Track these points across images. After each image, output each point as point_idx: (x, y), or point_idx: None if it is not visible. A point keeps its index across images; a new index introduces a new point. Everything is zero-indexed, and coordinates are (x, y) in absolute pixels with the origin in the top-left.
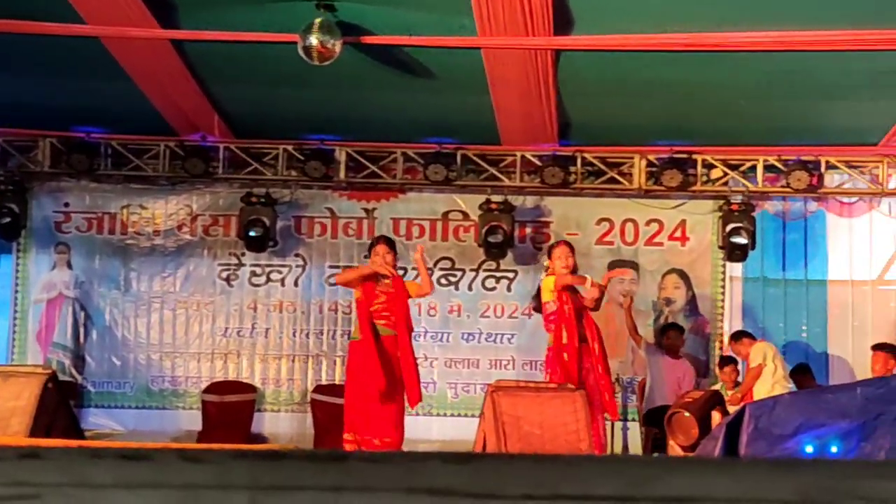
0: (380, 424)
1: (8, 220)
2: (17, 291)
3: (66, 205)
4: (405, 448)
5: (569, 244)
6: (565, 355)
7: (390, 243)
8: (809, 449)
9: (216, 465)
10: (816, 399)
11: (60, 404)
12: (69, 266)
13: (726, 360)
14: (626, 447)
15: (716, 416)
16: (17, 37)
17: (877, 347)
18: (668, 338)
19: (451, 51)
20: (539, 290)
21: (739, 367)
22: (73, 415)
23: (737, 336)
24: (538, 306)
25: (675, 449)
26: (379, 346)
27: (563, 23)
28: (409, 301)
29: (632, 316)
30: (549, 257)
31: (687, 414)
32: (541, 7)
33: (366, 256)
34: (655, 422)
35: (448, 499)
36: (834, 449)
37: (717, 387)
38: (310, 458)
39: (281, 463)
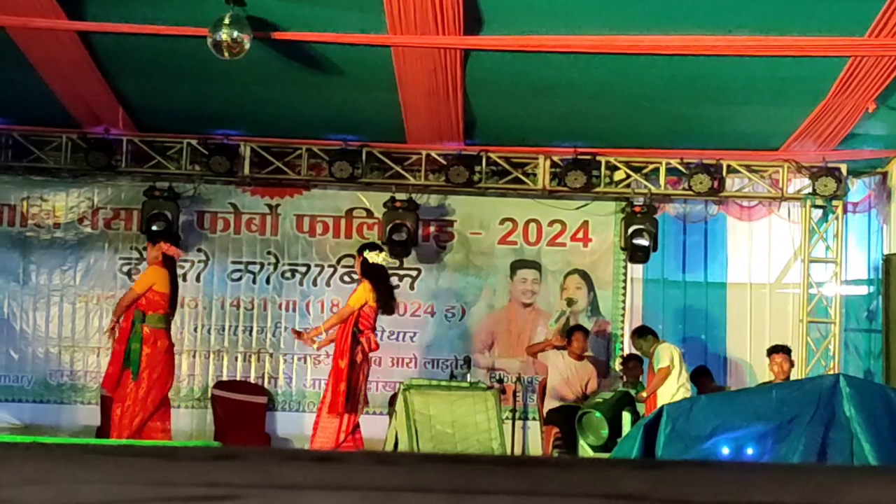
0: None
1: None
2: None
3: None
4: (300, 446)
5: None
6: None
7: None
8: (726, 451)
9: (412, 468)
10: (732, 401)
11: None
12: None
13: (630, 357)
14: (524, 446)
15: (626, 417)
16: None
17: (774, 350)
18: (575, 339)
19: (361, 48)
20: None
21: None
22: None
23: (641, 332)
24: None
25: (585, 449)
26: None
27: (472, 22)
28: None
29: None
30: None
31: (598, 414)
32: (451, 7)
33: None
34: (556, 421)
35: None
36: (750, 451)
37: (619, 385)
38: (505, 462)
39: (476, 467)
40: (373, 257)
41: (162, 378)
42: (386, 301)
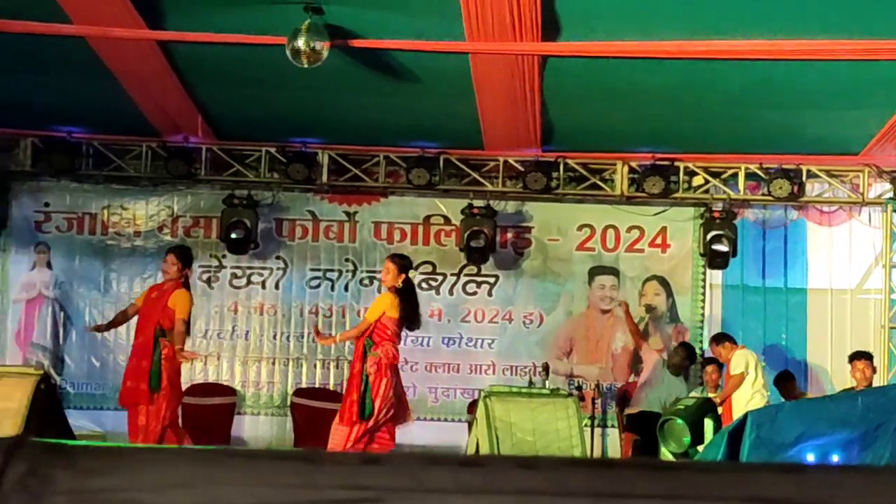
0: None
1: None
2: None
3: (47, 204)
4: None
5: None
6: None
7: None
8: (811, 458)
9: (553, 472)
10: (817, 408)
11: (53, 406)
12: (49, 266)
13: (709, 361)
14: (603, 453)
15: (708, 424)
16: (1, 35)
17: (856, 356)
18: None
19: (438, 55)
20: None
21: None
22: (65, 417)
23: (719, 339)
24: None
25: (666, 456)
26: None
27: (550, 29)
28: None
29: (632, 320)
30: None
31: (679, 421)
32: (529, 13)
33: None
34: (636, 428)
35: None
36: (835, 458)
37: (696, 392)
38: (644, 466)
39: (617, 470)
40: (412, 274)
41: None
42: (412, 316)
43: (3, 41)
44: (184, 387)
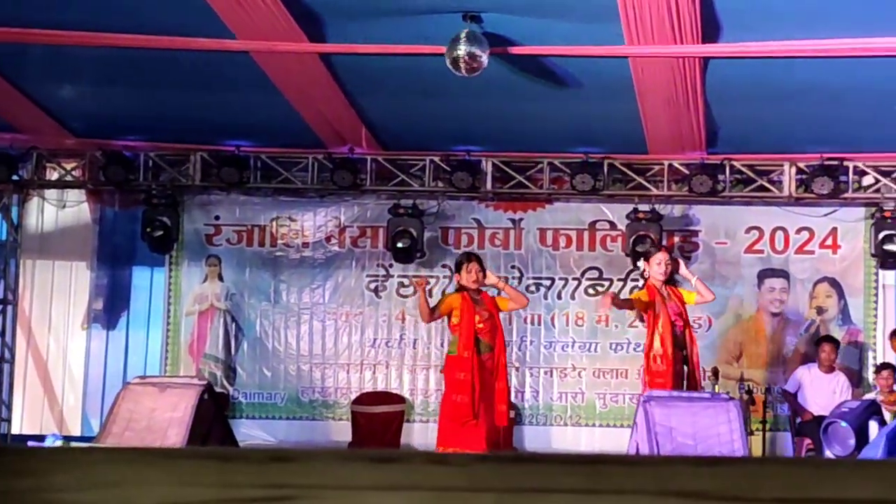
0: (472, 440)
1: (160, 233)
2: (169, 304)
3: (217, 218)
4: None
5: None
6: (659, 362)
7: (480, 261)
8: None
9: (466, 468)
10: None
11: (216, 415)
12: (220, 278)
13: (884, 366)
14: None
15: (873, 426)
16: (169, 53)
17: None
18: (822, 351)
19: (598, 60)
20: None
21: None
22: (229, 426)
23: None
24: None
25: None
26: (480, 363)
27: (710, 29)
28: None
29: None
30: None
31: (843, 424)
32: (688, 14)
33: (456, 273)
34: (809, 432)
35: (699, 502)
36: None
37: (872, 395)
38: (561, 460)
39: (533, 465)
40: None
41: None
42: None
43: (172, 58)
44: (353, 395)
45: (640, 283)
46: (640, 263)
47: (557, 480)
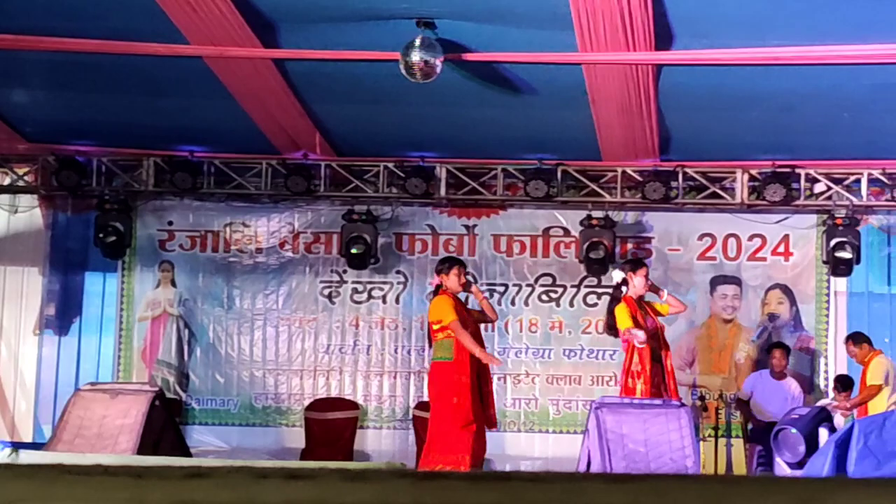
0: (461, 444)
1: (113, 238)
2: (122, 309)
3: (170, 223)
4: (500, 466)
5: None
6: (640, 381)
7: (464, 265)
8: None
9: (381, 484)
10: None
11: (167, 422)
12: (173, 284)
13: (845, 386)
14: (729, 464)
15: (823, 433)
16: (123, 58)
17: None
18: (773, 357)
19: (552, 67)
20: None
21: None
22: (180, 432)
23: (857, 339)
24: (614, 330)
25: (781, 465)
26: (472, 370)
27: (663, 37)
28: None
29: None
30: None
31: (794, 430)
32: (641, 22)
33: (440, 273)
34: (760, 439)
35: None
36: None
37: (824, 401)
38: (472, 477)
39: (446, 482)
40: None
41: None
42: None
43: (124, 64)
44: (307, 402)
45: (599, 291)
46: (616, 274)
47: (469, 497)
